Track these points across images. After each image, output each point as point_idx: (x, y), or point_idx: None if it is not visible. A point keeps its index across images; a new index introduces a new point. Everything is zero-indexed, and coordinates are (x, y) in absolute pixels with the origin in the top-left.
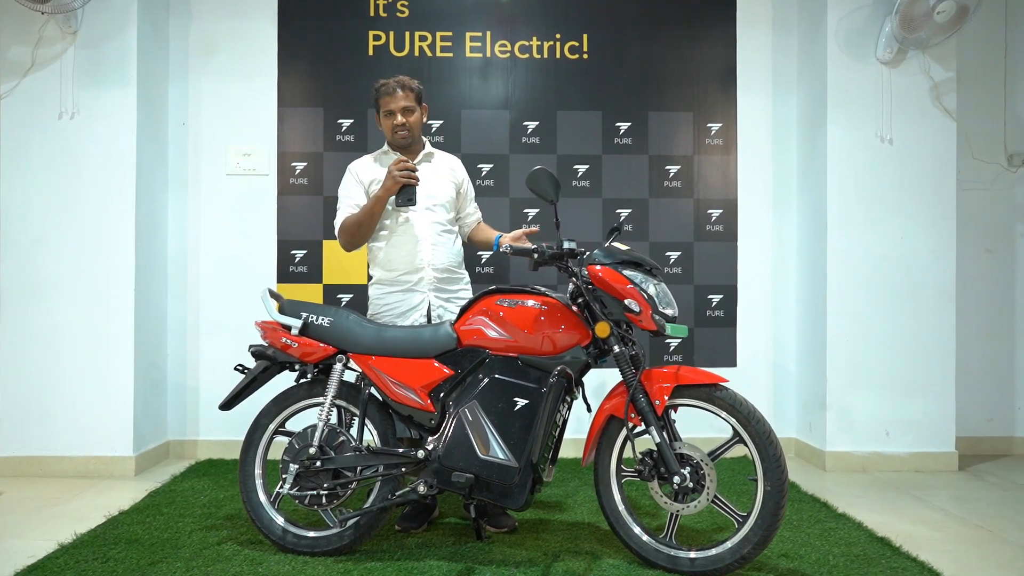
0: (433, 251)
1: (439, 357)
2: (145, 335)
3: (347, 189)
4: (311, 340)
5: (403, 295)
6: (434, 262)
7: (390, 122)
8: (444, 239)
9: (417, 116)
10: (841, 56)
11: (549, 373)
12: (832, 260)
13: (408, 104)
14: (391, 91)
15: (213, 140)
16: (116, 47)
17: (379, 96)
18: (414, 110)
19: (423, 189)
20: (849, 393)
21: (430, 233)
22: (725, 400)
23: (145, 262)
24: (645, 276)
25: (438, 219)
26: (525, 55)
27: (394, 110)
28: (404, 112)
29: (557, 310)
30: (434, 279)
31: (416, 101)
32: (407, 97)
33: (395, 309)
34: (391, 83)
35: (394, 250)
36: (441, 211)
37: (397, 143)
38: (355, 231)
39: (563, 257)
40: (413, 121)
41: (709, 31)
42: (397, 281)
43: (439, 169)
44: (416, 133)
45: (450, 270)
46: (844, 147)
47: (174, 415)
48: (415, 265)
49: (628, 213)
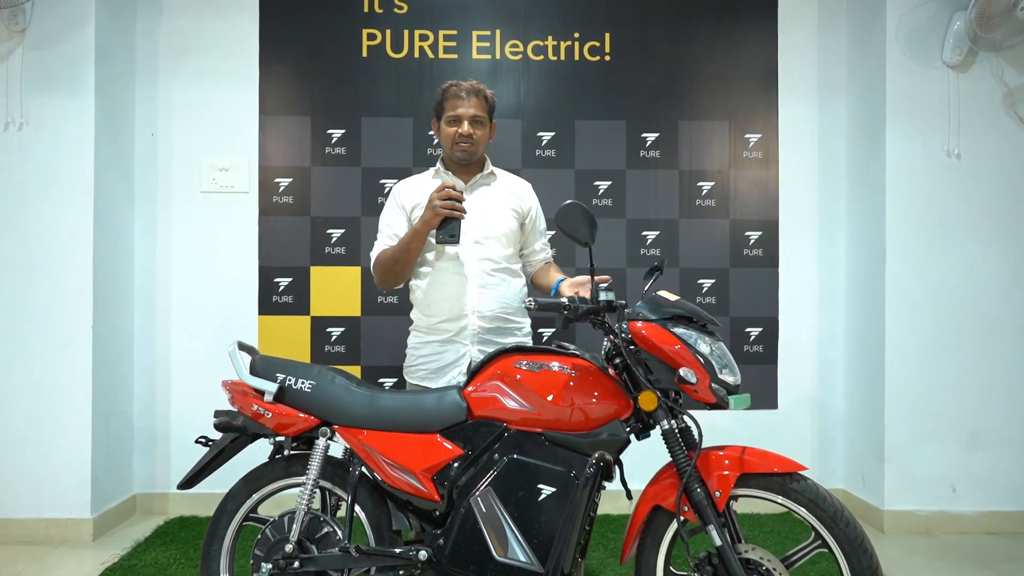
0: (480, 295)
1: (446, 432)
2: (106, 375)
3: (387, 216)
4: (289, 408)
5: (441, 347)
6: (480, 308)
7: (453, 131)
8: (496, 280)
9: (485, 132)
10: (901, 58)
11: (581, 454)
12: (891, 291)
13: (479, 114)
14: (462, 95)
15: (186, 153)
16: (71, 48)
17: (445, 98)
18: (484, 123)
19: (474, 219)
20: (911, 443)
21: (478, 273)
22: (804, 494)
23: (106, 292)
24: (699, 334)
25: (489, 255)
26: (539, 57)
27: (461, 117)
28: (472, 122)
29: (590, 375)
30: (479, 329)
31: (488, 114)
32: (480, 106)
33: (431, 363)
34: (463, 85)
35: (434, 292)
36: (495, 246)
37: (456, 157)
38: (389, 268)
39: (599, 311)
40: (480, 136)
41: (747, 30)
42: (435, 329)
43: (498, 195)
44: (480, 150)
45: (502, 318)
46: (904, 162)
47: (142, 465)
48: (457, 311)
49: (655, 235)
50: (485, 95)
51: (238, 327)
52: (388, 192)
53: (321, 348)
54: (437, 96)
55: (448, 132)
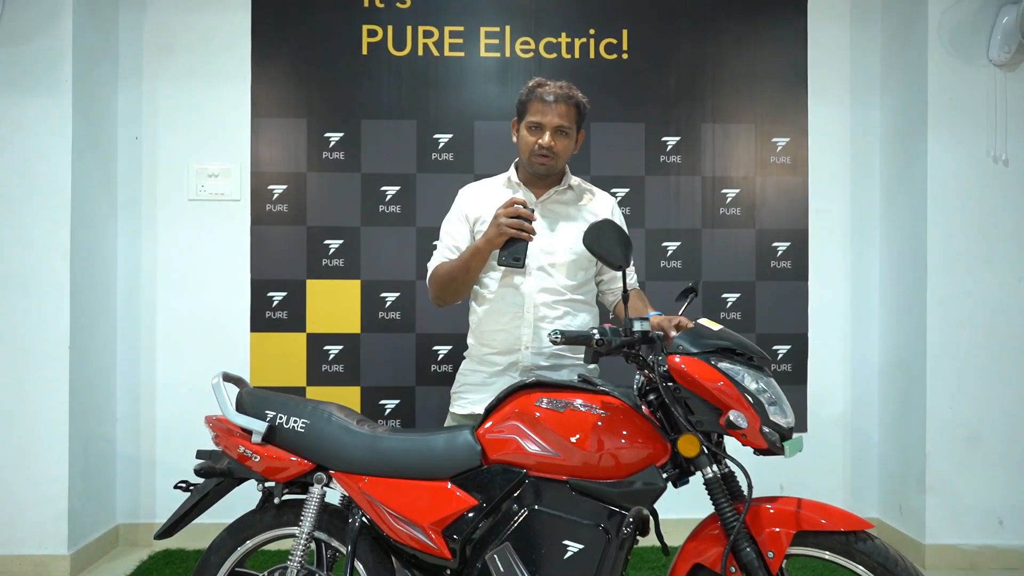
0: (537, 330)
1: (457, 478)
2: (85, 398)
3: (449, 224)
4: (280, 450)
5: (490, 378)
6: (537, 345)
7: (533, 140)
8: (557, 314)
9: (569, 143)
10: (944, 56)
11: (612, 505)
12: (933, 307)
13: (565, 124)
14: (548, 98)
15: (172, 158)
16: (46, 44)
17: (529, 99)
18: (570, 134)
19: (541, 242)
20: (955, 472)
21: (537, 305)
22: (872, 556)
23: (85, 308)
24: (747, 369)
25: (553, 285)
26: (552, 55)
27: (544, 126)
28: (556, 133)
29: (621, 414)
30: (534, 366)
31: (576, 123)
32: (568, 114)
33: (479, 393)
34: (551, 88)
35: (489, 321)
36: (560, 275)
37: (534, 170)
38: (445, 284)
39: (634, 344)
40: (563, 148)
41: (774, 26)
42: (486, 360)
43: (573, 212)
44: (561, 164)
45: (560, 355)
46: (947, 169)
47: (125, 494)
48: (510, 344)
49: (676, 247)
50: (577, 102)
51: (229, 345)
52: (389, 199)
53: (318, 367)
54: (521, 94)
55: (527, 140)
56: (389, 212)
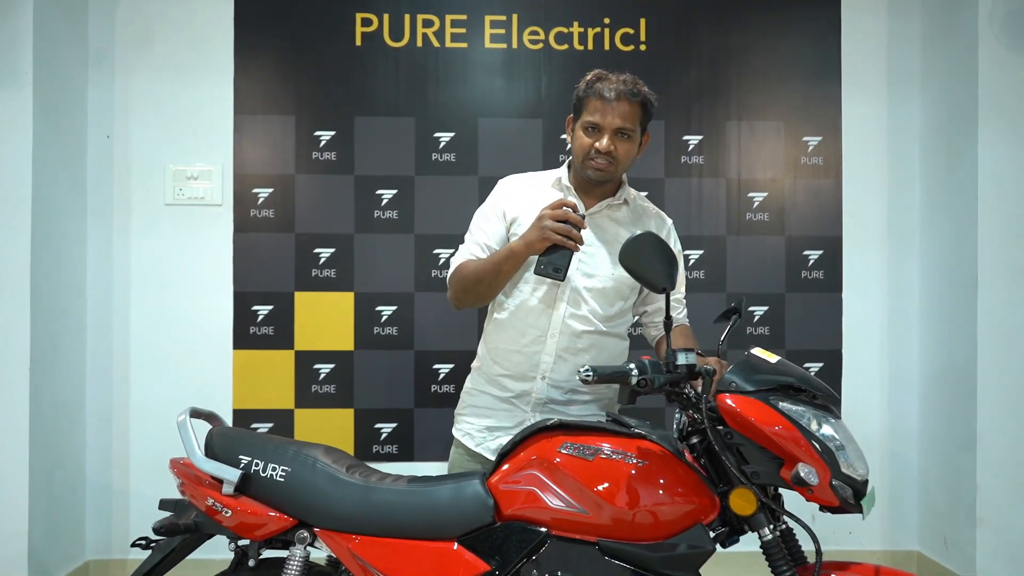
0: (558, 360)
1: (466, 538)
2: (49, 424)
3: (481, 218)
4: (256, 503)
5: (498, 403)
6: (555, 376)
7: (589, 142)
8: (583, 345)
9: (631, 147)
10: (996, 47)
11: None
12: (984, 321)
13: (627, 126)
14: (608, 95)
15: (147, 159)
16: (2, 29)
17: (587, 96)
18: (633, 137)
19: (583, 263)
20: (1009, 503)
21: (565, 332)
22: None
23: (48, 325)
24: (811, 409)
25: (585, 313)
26: (563, 46)
27: (603, 127)
28: (616, 135)
29: (661, 462)
30: (547, 399)
31: (640, 125)
32: (631, 115)
33: (483, 418)
34: (614, 81)
35: (509, 338)
36: (595, 302)
37: (589, 176)
38: (469, 286)
39: (679, 382)
40: (623, 153)
41: (805, 16)
42: (496, 381)
43: (623, 231)
44: (620, 172)
45: (579, 391)
46: (1002, 171)
47: (95, 527)
48: (526, 370)
49: (699, 255)
50: (643, 99)
51: (210, 364)
52: (385, 204)
53: (307, 388)
54: (578, 88)
55: (583, 142)
56: (385, 218)
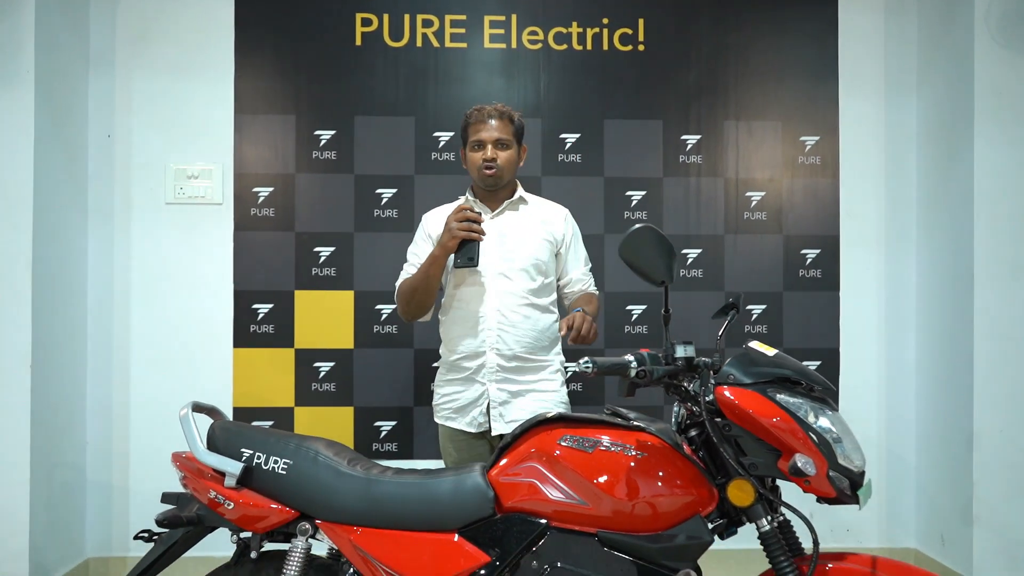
0: (500, 331)
1: (466, 530)
2: (49, 422)
3: (414, 245)
4: (258, 496)
5: (462, 385)
6: (500, 346)
7: (478, 156)
8: (519, 317)
9: (511, 154)
10: (993, 47)
11: (649, 563)
12: (981, 320)
13: (503, 137)
14: (484, 118)
15: (148, 157)
16: (3, 28)
17: (468, 123)
18: (509, 145)
19: (498, 248)
20: (1005, 501)
21: (499, 307)
22: None
23: (50, 323)
24: (810, 403)
25: (513, 289)
26: (562, 46)
27: (485, 140)
28: (496, 145)
29: (658, 454)
30: (498, 368)
31: (515, 137)
32: (504, 128)
33: (454, 402)
34: (487, 109)
35: (455, 327)
36: (521, 278)
37: (484, 184)
38: (410, 297)
39: (678, 374)
40: (505, 159)
41: (802, 15)
42: (456, 367)
43: (527, 222)
44: (507, 175)
45: (523, 358)
46: (996, 170)
47: (96, 525)
48: (475, 348)
49: (698, 254)
50: (510, 116)
51: (210, 362)
52: (385, 203)
53: (307, 386)
54: (462, 122)
55: (473, 158)
56: (385, 217)
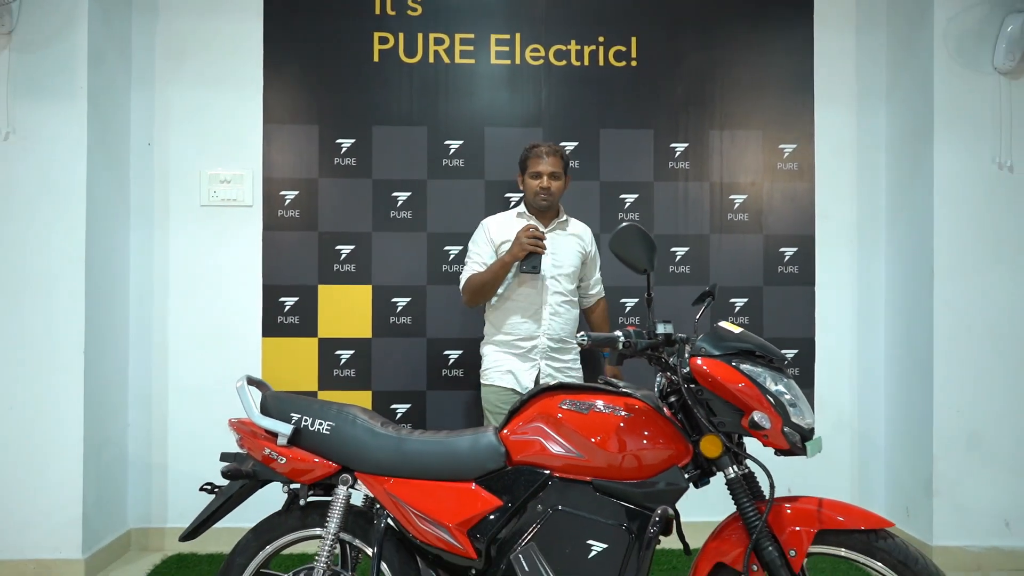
0: (551, 320)
1: (482, 480)
2: (98, 404)
3: (477, 245)
4: (305, 452)
5: (518, 360)
6: (551, 331)
7: (536, 184)
8: (563, 309)
9: (561, 184)
10: (951, 64)
11: (635, 505)
12: (940, 311)
13: (556, 170)
14: (542, 155)
15: (184, 164)
16: (62, 50)
17: (528, 156)
18: (560, 177)
19: (550, 258)
20: (961, 475)
21: (551, 303)
22: (893, 554)
23: (99, 314)
24: (767, 370)
25: (560, 289)
26: (562, 62)
27: (542, 172)
28: (551, 177)
29: (643, 416)
30: (548, 348)
31: (563, 169)
32: (556, 164)
33: (503, 366)
34: (544, 147)
35: (514, 315)
36: (565, 281)
37: (538, 205)
38: (479, 290)
39: (658, 347)
40: (556, 188)
41: (781, 33)
42: (513, 345)
43: (569, 238)
44: (555, 199)
45: (564, 340)
46: (953, 174)
47: (137, 499)
48: (532, 332)
49: (684, 252)
50: (561, 154)
51: (241, 350)
52: (400, 205)
53: (329, 372)
54: (522, 154)
55: (531, 185)
56: (400, 218)
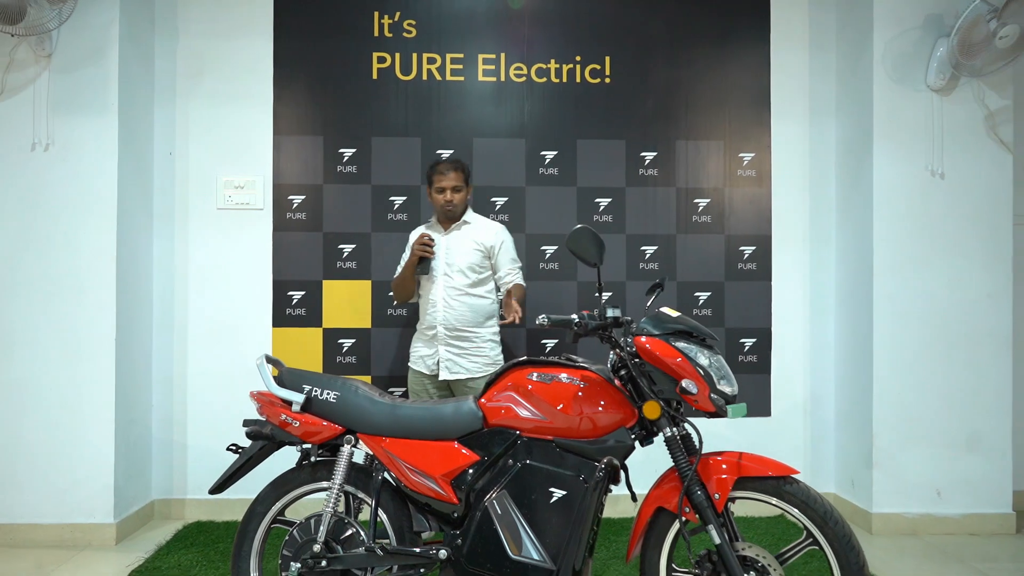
0: (445, 312)
1: (463, 439)
2: (127, 387)
3: (405, 252)
4: (315, 417)
5: (425, 345)
6: (445, 321)
7: (441, 198)
8: (457, 302)
9: (463, 195)
10: (888, 82)
11: (589, 459)
12: (879, 303)
13: (458, 184)
14: (444, 171)
15: (202, 171)
16: (95, 71)
17: (433, 174)
18: (461, 189)
19: (444, 258)
20: (897, 449)
21: (445, 297)
22: (797, 496)
23: (127, 307)
24: (699, 347)
25: (454, 284)
26: (542, 79)
27: (445, 187)
28: (453, 191)
29: (597, 386)
30: (445, 336)
31: (464, 181)
32: (458, 178)
33: (417, 353)
34: (444, 164)
35: (423, 309)
36: (459, 276)
37: (445, 215)
38: (395, 289)
39: (607, 327)
40: (459, 199)
41: (741, 53)
42: (423, 333)
43: (466, 239)
44: (460, 209)
45: (462, 330)
46: (891, 181)
47: (159, 473)
48: (432, 323)
49: (654, 250)
50: (462, 168)
51: (253, 339)
52: (397, 208)
53: (332, 359)
54: (428, 170)
55: (437, 199)
56: (397, 220)
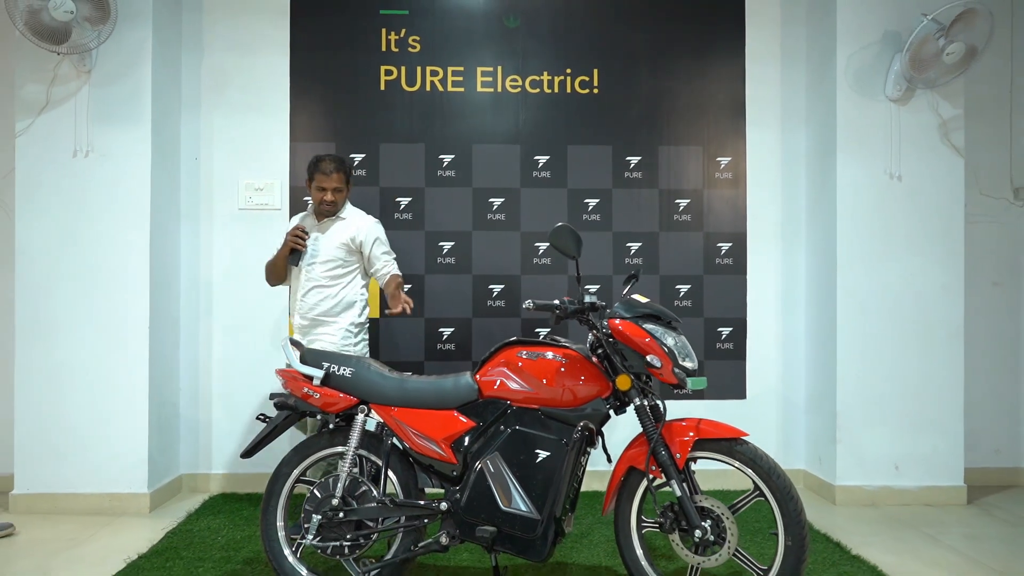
0: (301, 301)
1: (461, 408)
2: (159, 371)
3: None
4: (333, 390)
5: (298, 331)
6: (301, 310)
7: (320, 196)
8: (313, 293)
9: (343, 195)
10: (850, 93)
11: (570, 425)
12: (842, 296)
13: (338, 185)
14: (328, 172)
15: (225, 175)
16: (130, 85)
17: (316, 172)
18: (342, 189)
19: (312, 248)
20: (859, 427)
21: (303, 288)
22: (746, 455)
23: (159, 298)
24: (665, 329)
25: (312, 276)
26: (536, 90)
27: (327, 188)
28: (333, 192)
29: (577, 362)
30: (300, 324)
31: (345, 182)
32: (339, 179)
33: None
34: (328, 163)
35: (292, 294)
36: (320, 268)
37: (322, 214)
38: (267, 273)
39: (584, 311)
40: (339, 198)
41: (718, 65)
42: (295, 319)
43: (335, 233)
44: (339, 208)
45: (316, 318)
46: (853, 183)
47: (187, 449)
48: (294, 309)
49: (638, 247)
50: (344, 168)
51: (272, 329)
52: (403, 208)
53: None
54: (310, 165)
55: (317, 196)
56: (403, 219)
